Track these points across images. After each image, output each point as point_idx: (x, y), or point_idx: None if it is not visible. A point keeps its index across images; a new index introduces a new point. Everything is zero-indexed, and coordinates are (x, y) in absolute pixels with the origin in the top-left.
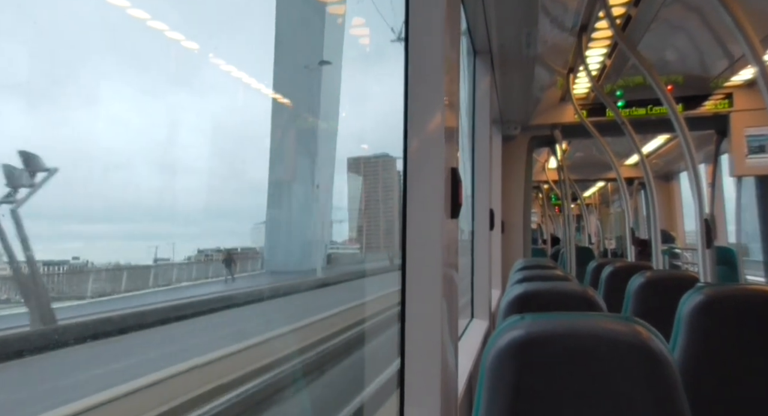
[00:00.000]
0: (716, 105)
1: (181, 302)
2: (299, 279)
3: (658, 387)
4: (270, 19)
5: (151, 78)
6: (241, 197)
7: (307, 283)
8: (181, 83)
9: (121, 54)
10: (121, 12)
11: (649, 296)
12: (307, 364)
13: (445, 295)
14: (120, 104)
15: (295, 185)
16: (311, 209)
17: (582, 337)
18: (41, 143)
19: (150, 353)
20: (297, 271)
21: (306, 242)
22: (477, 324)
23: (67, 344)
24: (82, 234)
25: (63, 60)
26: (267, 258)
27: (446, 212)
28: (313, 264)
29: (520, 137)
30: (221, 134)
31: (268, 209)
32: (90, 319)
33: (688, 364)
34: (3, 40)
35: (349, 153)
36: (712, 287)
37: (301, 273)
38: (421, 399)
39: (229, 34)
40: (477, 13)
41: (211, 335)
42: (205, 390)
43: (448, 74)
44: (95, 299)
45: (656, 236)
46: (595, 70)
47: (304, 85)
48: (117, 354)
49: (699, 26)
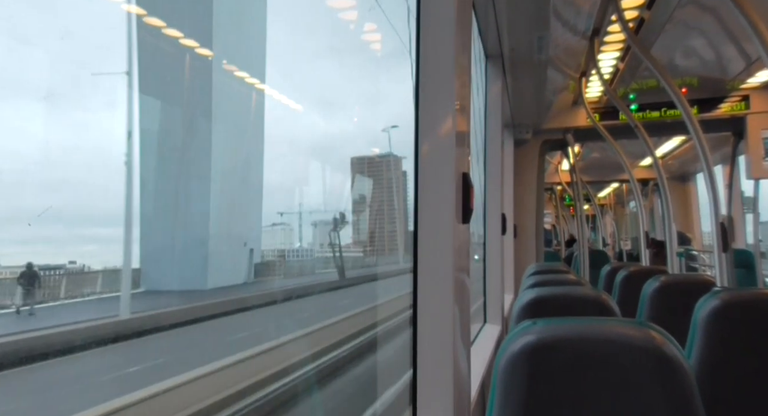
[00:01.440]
0: (732, 107)
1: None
2: (193, 302)
3: (674, 394)
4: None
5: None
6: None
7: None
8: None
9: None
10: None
11: (664, 301)
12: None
13: (457, 300)
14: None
15: (193, 179)
16: (227, 208)
17: (595, 342)
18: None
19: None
20: (197, 290)
21: (219, 249)
22: (490, 329)
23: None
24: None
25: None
26: (146, 271)
27: (458, 217)
28: (230, 277)
29: (532, 141)
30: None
31: (142, 205)
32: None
33: (704, 370)
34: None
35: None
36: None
37: (205, 293)
38: (434, 405)
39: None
40: (488, 18)
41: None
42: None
43: (459, 79)
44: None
45: (671, 238)
46: (608, 73)
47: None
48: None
49: (714, 28)
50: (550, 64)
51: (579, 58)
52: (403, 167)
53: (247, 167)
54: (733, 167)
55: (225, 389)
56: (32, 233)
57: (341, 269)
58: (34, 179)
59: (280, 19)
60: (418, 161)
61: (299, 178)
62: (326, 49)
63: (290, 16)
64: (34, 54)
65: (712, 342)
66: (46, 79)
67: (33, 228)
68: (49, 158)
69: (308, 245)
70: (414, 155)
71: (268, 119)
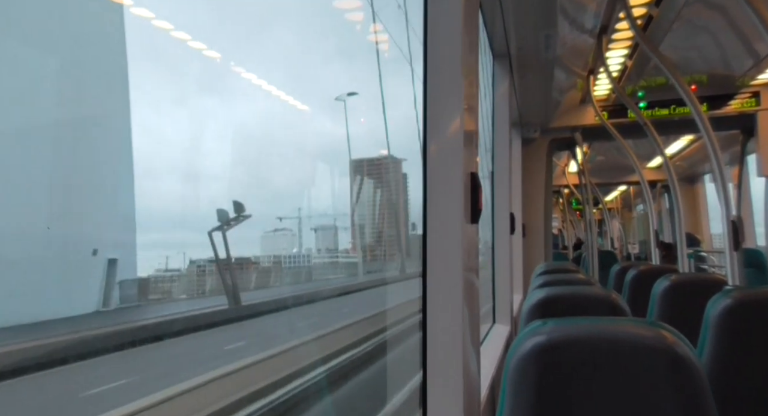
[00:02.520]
0: (742, 104)
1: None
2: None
3: (685, 394)
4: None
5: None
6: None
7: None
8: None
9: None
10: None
11: (675, 300)
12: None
13: (466, 300)
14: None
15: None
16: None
17: (606, 342)
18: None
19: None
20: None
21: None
22: (499, 329)
23: None
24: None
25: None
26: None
27: (466, 217)
28: (53, 305)
29: (540, 140)
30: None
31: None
32: None
33: (716, 370)
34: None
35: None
36: (741, 290)
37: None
38: (444, 405)
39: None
40: (495, 17)
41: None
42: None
43: (467, 78)
44: None
45: (681, 238)
46: (616, 71)
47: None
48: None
49: (722, 25)
50: (558, 63)
51: (587, 56)
52: (404, 170)
53: (90, 132)
54: (743, 165)
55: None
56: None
57: (233, 292)
58: None
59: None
60: (426, 161)
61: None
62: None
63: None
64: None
65: (724, 342)
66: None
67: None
68: None
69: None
70: (422, 155)
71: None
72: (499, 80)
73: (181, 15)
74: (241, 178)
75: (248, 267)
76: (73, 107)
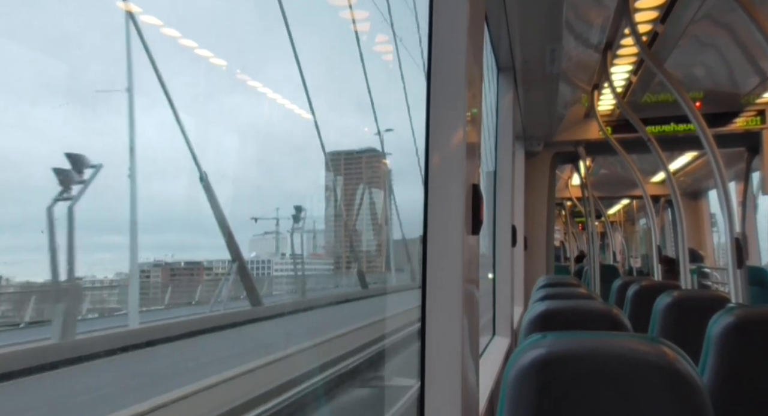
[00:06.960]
0: (747, 122)
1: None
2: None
3: (687, 412)
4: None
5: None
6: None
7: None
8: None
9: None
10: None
11: (677, 317)
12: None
13: (466, 312)
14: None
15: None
16: None
17: (606, 357)
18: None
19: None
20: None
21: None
22: (499, 342)
23: None
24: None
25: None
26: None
27: (467, 228)
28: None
29: (544, 153)
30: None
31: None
32: None
33: (717, 388)
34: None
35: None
36: (744, 308)
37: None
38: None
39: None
40: (500, 30)
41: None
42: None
43: (471, 90)
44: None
45: (684, 254)
46: (621, 87)
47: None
48: None
49: (728, 43)
50: (562, 77)
51: (591, 70)
52: (389, 166)
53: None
54: (747, 183)
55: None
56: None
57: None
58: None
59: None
60: (428, 172)
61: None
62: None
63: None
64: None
65: (726, 359)
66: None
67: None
68: None
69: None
70: (424, 166)
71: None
72: (504, 93)
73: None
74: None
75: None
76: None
